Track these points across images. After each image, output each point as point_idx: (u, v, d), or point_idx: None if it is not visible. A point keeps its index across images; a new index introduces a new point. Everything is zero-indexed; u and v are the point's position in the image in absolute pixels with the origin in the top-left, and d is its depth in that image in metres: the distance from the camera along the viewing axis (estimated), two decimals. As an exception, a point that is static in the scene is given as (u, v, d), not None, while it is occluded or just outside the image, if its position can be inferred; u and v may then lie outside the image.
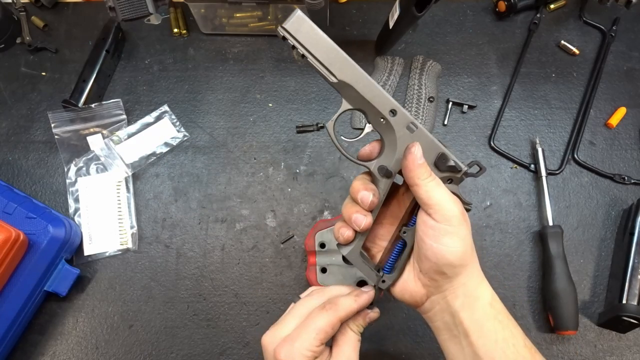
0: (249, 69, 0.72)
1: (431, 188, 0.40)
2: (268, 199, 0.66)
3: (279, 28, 0.39)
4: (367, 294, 0.43)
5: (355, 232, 0.42)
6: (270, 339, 0.41)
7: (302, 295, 0.45)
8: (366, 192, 0.41)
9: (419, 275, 0.43)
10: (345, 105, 0.41)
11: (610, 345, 0.59)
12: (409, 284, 0.43)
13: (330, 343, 0.43)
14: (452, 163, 0.41)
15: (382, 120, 0.41)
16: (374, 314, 0.44)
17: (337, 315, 0.41)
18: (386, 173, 0.42)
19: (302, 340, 0.39)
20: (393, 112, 0.41)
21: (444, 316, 0.42)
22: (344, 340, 0.42)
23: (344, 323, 0.42)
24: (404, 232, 0.43)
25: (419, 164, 0.40)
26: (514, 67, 0.72)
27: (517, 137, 0.68)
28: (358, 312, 0.43)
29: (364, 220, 0.41)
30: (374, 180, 0.42)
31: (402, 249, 0.43)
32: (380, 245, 0.47)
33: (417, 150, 0.40)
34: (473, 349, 0.40)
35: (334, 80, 0.40)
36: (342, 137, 0.44)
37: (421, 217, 0.41)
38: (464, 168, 0.42)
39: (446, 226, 0.39)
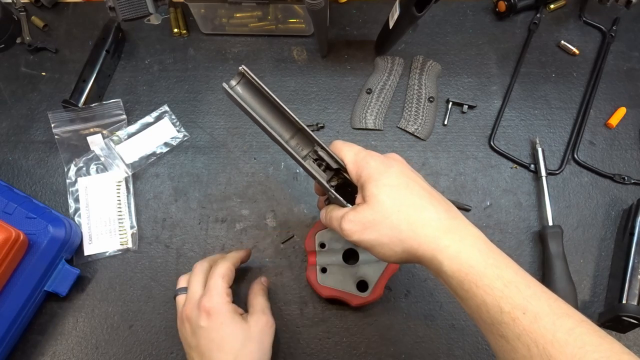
0: (249, 68, 0.72)
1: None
2: (268, 199, 0.66)
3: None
4: (243, 250, 0.59)
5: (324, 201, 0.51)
6: (191, 308, 0.50)
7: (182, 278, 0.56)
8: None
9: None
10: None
11: (610, 345, 0.59)
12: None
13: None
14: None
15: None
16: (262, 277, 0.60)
17: (230, 261, 0.53)
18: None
19: (215, 287, 0.50)
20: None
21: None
22: (254, 293, 0.56)
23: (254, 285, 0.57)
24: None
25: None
26: (514, 67, 0.72)
27: (517, 137, 0.68)
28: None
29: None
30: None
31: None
32: None
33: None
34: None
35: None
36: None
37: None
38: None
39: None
